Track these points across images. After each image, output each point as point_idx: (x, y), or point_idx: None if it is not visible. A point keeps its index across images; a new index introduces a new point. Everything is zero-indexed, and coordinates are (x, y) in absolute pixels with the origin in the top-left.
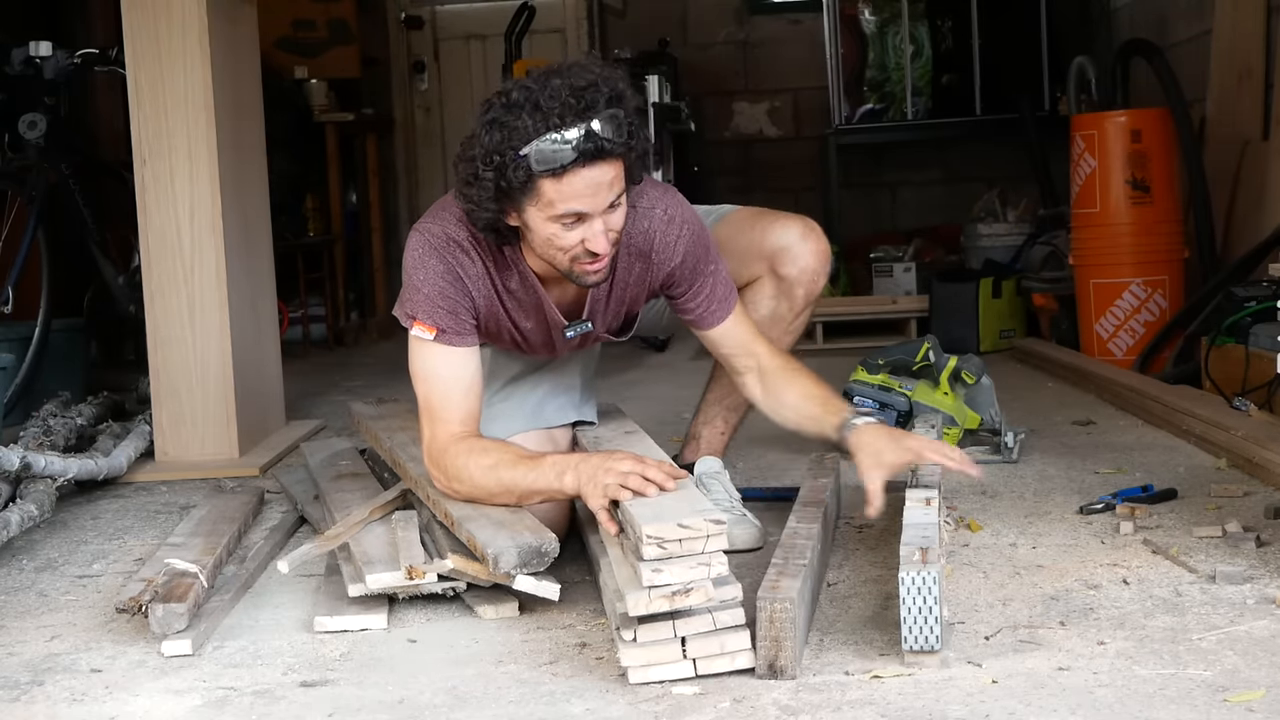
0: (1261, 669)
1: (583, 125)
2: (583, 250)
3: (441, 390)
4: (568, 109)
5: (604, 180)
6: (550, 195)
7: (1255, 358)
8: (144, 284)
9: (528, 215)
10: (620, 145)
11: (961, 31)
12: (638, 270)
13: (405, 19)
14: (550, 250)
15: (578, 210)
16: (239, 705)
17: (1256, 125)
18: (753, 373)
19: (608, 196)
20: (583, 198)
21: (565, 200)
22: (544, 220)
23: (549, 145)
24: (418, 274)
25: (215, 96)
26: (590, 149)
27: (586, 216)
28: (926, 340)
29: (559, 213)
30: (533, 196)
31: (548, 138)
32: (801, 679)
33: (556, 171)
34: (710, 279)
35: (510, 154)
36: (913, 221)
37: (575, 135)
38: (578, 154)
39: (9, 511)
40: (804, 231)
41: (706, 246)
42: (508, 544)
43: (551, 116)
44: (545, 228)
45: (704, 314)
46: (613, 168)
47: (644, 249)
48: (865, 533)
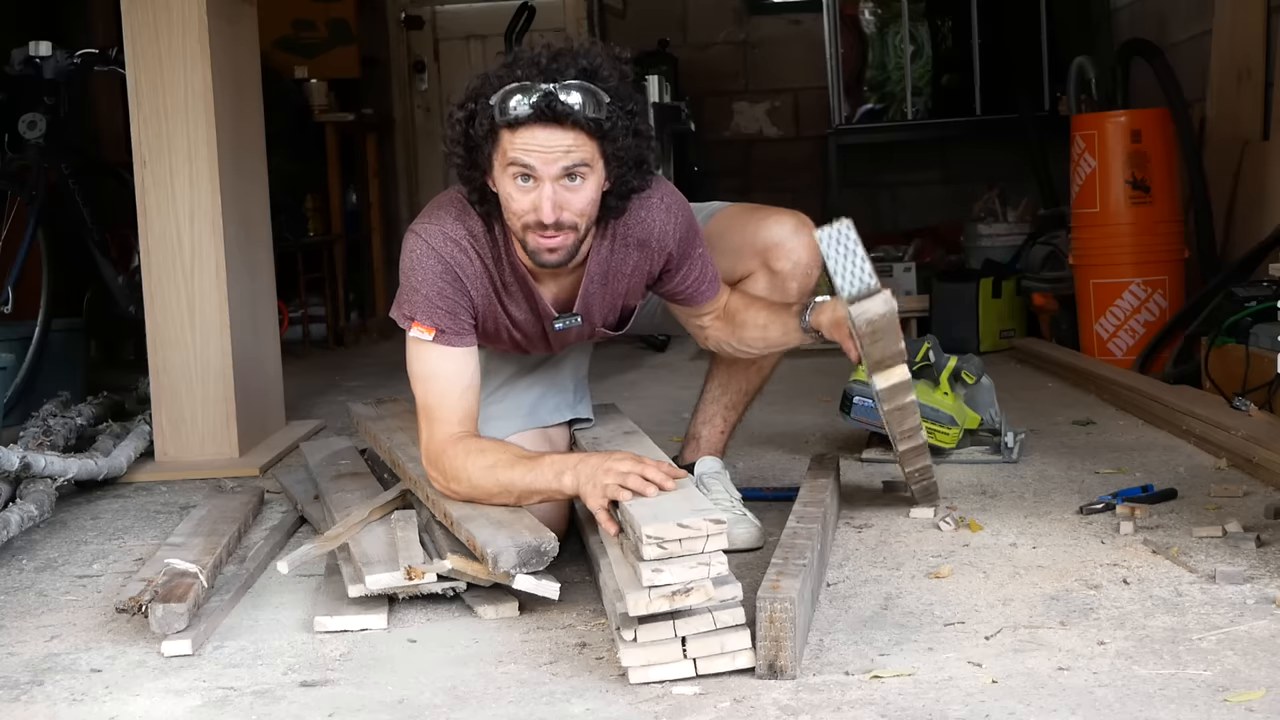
0: (1261, 669)
1: (544, 86)
2: (534, 219)
3: (440, 391)
4: (535, 68)
5: (559, 144)
6: (505, 146)
7: (1255, 358)
8: (144, 284)
9: (495, 173)
10: (587, 120)
11: (961, 31)
12: (635, 259)
13: (405, 19)
14: (510, 217)
15: (525, 163)
16: (239, 705)
17: (1256, 125)
18: (717, 319)
19: (560, 163)
20: (533, 153)
21: (518, 152)
22: (501, 172)
23: (511, 98)
24: (415, 275)
25: (215, 96)
26: (545, 108)
27: (536, 177)
28: (926, 340)
29: (509, 160)
30: (496, 148)
31: (511, 88)
32: (801, 679)
33: (512, 124)
34: (700, 260)
35: (482, 102)
36: (913, 221)
37: (535, 94)
38: (533, 110)
39: (9, 511)
40: (796, 226)
41: (695, 230)
42: (507, 544)
43: (518, 71)
44: (504, 185)
45: (696, 293)
46: (572, 136)
47: (643, 238)
48: (865, 533)
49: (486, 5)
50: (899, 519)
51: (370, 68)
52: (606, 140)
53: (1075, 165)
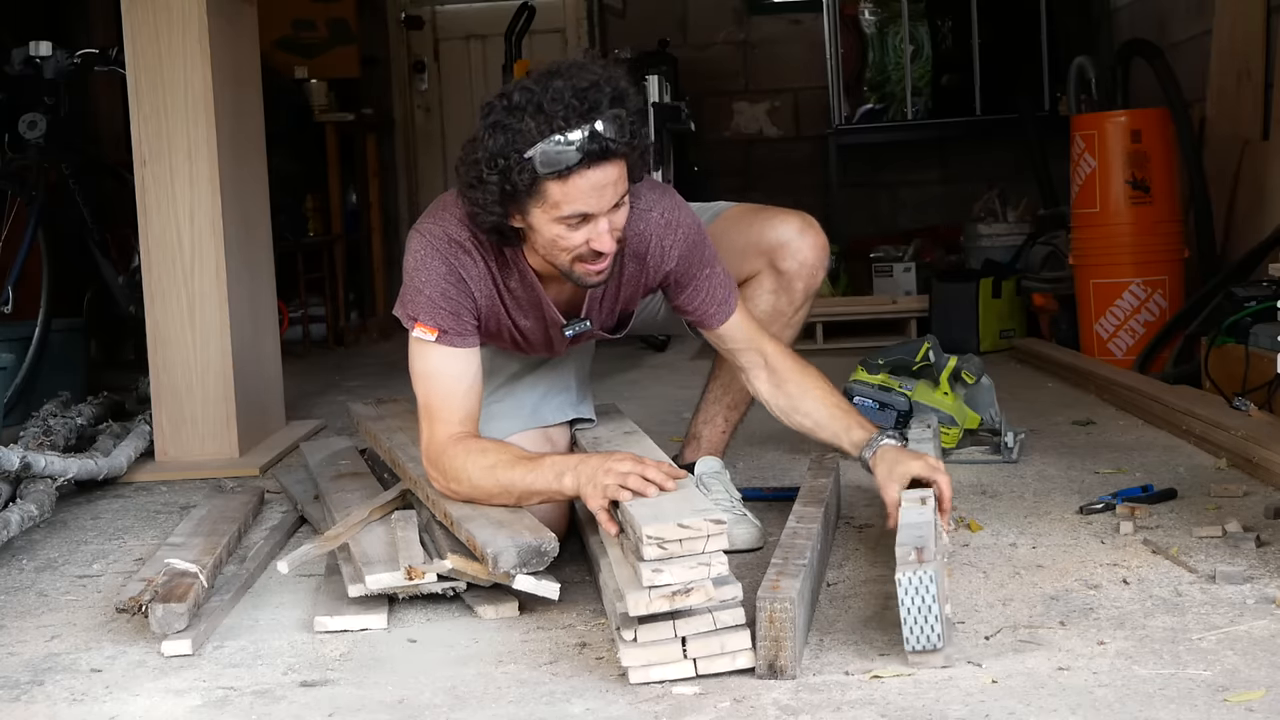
0: (1261, 669)
1: (587, 127)
2: (588, 250)
3: (442, 391)
4: (572, 110)
5: (608, 181)
6: (556, 197)
7: (1255, 358)
8: (144, 284)
9: (533, 217)
10: (624, 145)
11: (961, 31)
12: (632, 270)
13: (405, 19)
14: (554, 251)
15: (583, 211)
16: (239, 705)
17: (1256, 125)
18: (760, 369)
19: (612, 197)
20: (588, 199)
21: (571, 202)
22: (549, 222)
23: (554, 147)
24: (419, 275)
25: (215, 96)
26: (595, 150)
27: (591, 217)
28: (926, 340)
29: (564, 214)
30: (538, 199)
31: (552, 139)
32: (801, 679)
33: (562, 174)
34: (707, 281)
35: (515, 157)
36: (913, 221)
37: (579, 137)
38: (582, 155)
39: (9, 511)
40: (802, 226)
41: (703, 249)
42: (507, 544)
43: (555, 119)
44: (550, 229)
45: (704, 314)
46: (616, 168)
47: (639, 251)
48: (865, 533)
49: (486, 5)
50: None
51: (370, 68)
52: (632, 156)
53: (1075, 165)
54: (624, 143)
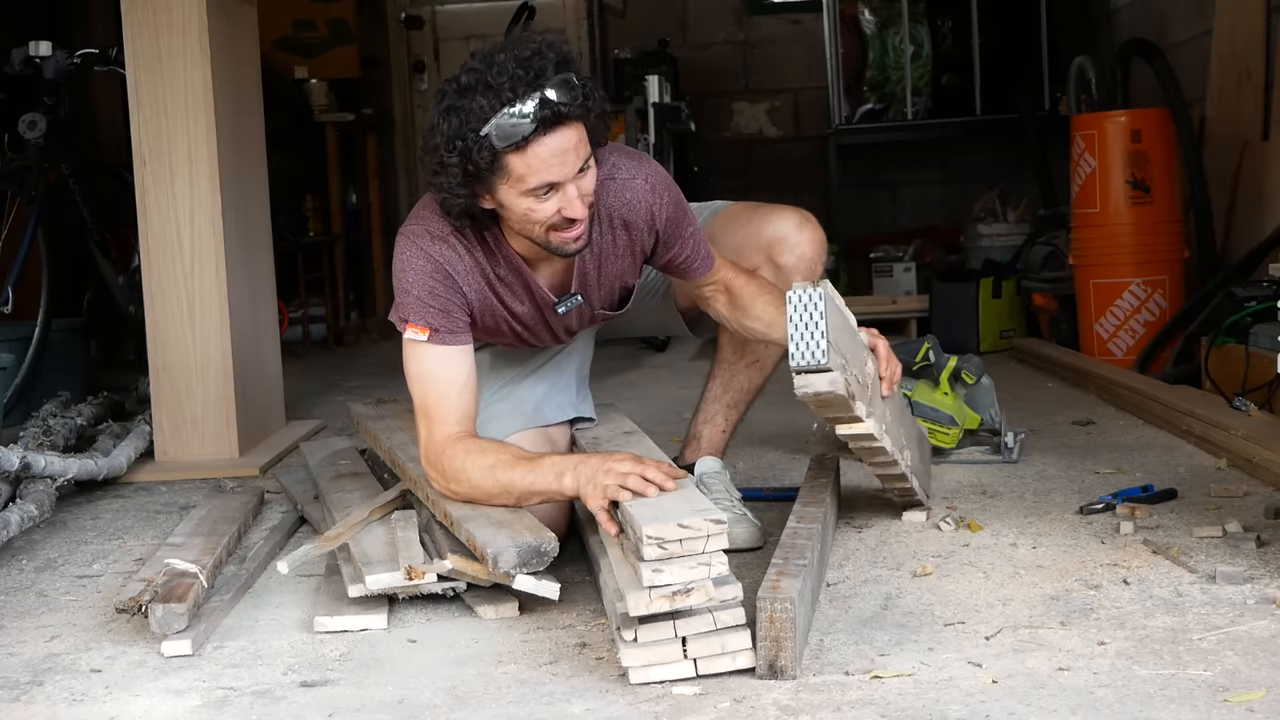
0: (1261, 669)
1: (536, 94)
2: (560, 219)
3: (437, 391)
4: (519, 80)
5: (568, 146)
6: (519, 170)
7: (1255, 358)
8: (144, 284)
9: (500, 194)
10: (577, 108)
11: (961, 31)
12: (624, 240)
13: (405, 19)
14: (528, 225)
15: (549, 180)
16: (239, 705)
17: (1256, 125)
18: (720, 293)
19: (575, 162)
20: (550, 168)
21: (535, 173)
22: (517, 196)
23: (507, 120)
24: (406, 276)
25: (215, 96)
26: (547, 116)
27: (559, 185)
28: (926, 340)
29: (531, 186)
30: (502, 175)
31: (504, 113)
32: (801, 679)
33: (519, 145)
34: (692, 238)
35: (471, 136)
36: (913, 221)
37: (531, 106)
38: (536, 123)
39: (9, 511)
40: (800, 221)
41: (684, 207)
42: (507, 544)
43: (504, 91)
44: (520, 204)
45: (689, 268)
46: (574, 132)
47: (629, 219)
48: (865, 533)
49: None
50: (899, 519)
51: (370, 68)
52: (589, 118)
53: (1075, 165)
54: (577, 105)
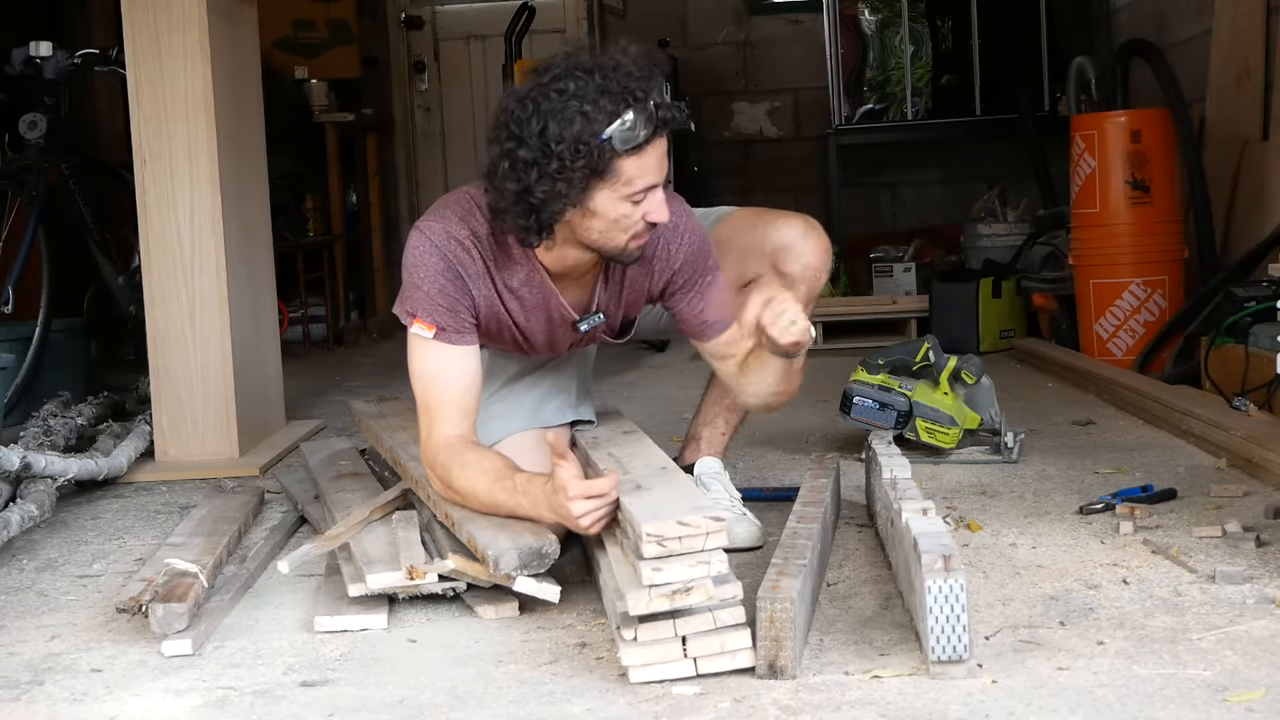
0: (1261, 669)
1: (649, 101)
2: (643, 224)
3: (439, 390)
4: (629, 92)
5: (664, 151)
6: (630, 173)
7: (1255, 358)
8: (144, 284)
9: (597, 202)
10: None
11: (961, 31)
12: (636, 273)
13: (405, 19)
14: (614, 233)
15: (651, 183)
16: (239, 705)
17: (1256, 125)
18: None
19: (664, 166)
20: (653, 171)
21: (643, 175)
22: (617, 201)
23: (628, 126)
24: (418, 271)
25: (215, 96)
26: (660, 122)
27: (654, 188)
28: (926, 340)
29: (636, 189)
30: (612, 179)
31: (626, 119)
32: (801, 679)
33: (637, 148)
34: (708, 289)
35: (592, 140)
36: (913, 221)
37: (645, 113)
38: (652, 127)
39: (9, 511)
40: (805, 229)
41: (706, 257)
42: (508, 545)
43: (624, 97)
44: (616, 209)
45: (701, 324)
46: (664, 140)
47: (646, 254)
48: (865, 533)
49: (486, 5)
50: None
51: (370, 68)
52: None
53: (1075, 165)
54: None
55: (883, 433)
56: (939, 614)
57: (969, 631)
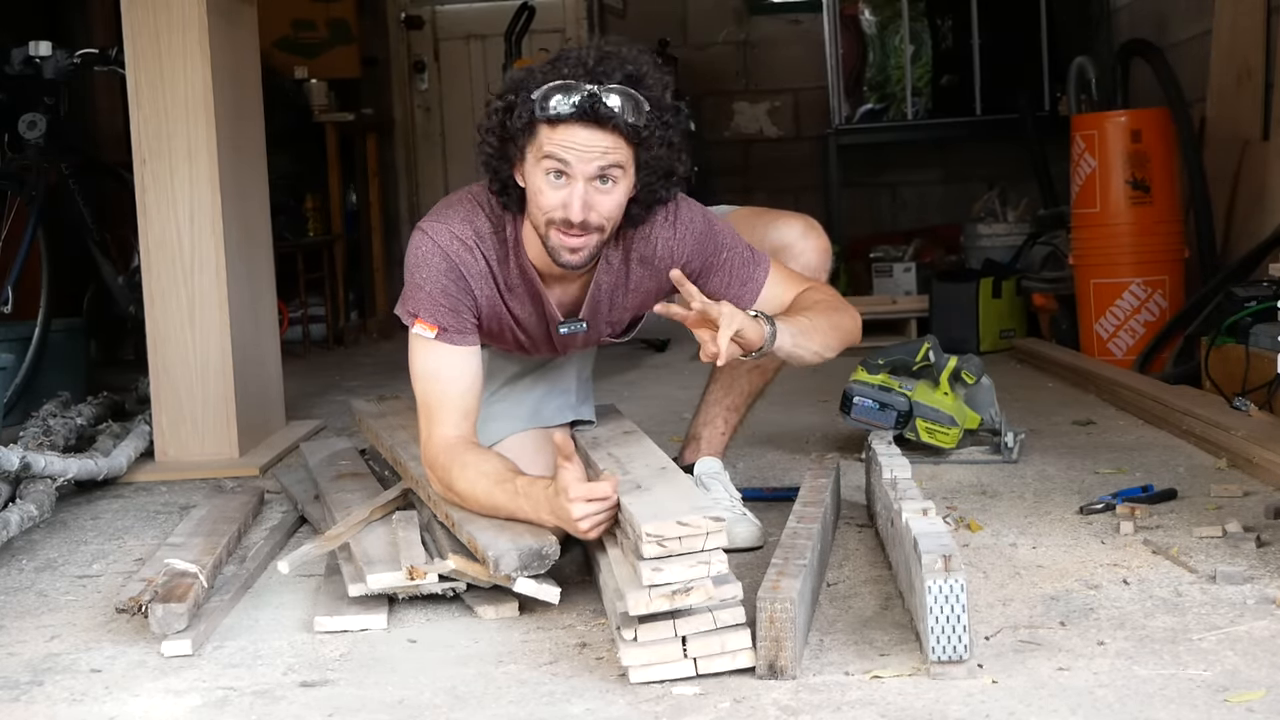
0: (1261, 669)
1: (589, 86)
2: (561, 216)
3: (440, 390)
4: (582, 67)
5: (597, 145)
6: (542, 139)
7: (1255, 358)
8: (144, 284)
9: (526, 166)
10: (626, 125)
11: (961, 31)
12: (640, 274)
13: (405, 19)
14: (536, 211)
15: (561, 157)
16: (239, 705)
17: (1256, 125)
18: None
19: (596, 163)
20: (570, 150)
21: (553, 146)
22: (534, 165)
23: (554, 94)
24: (420, 272)
25: (215, 96)
26: (588, 108)
27: (570, 175)
28: (926, 340)
29: (544, 153)
30: (531, 140)
31: (555, 84)
32: (802, 679)
33: (553, 119)
34: (726, 264)
35: (523, 94)
36: (913, 221)
37: (578, 94)
38: (575, 110)
39: (9, 511)
40: (805, 229)
41: (713, 237)
42: (509, 546)
43: (564, 69)
44: (535, 179)
45: (734, 298)
46: (610, 139)
47: (646, 255)
48: (865, 533)
49: (486, 5)
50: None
51: (370, 68)
52: (642, 147)
53: (1075, 165)
54: (627, 123)
55: (883, 433)
56: (939, 614)
57: (969, 631)
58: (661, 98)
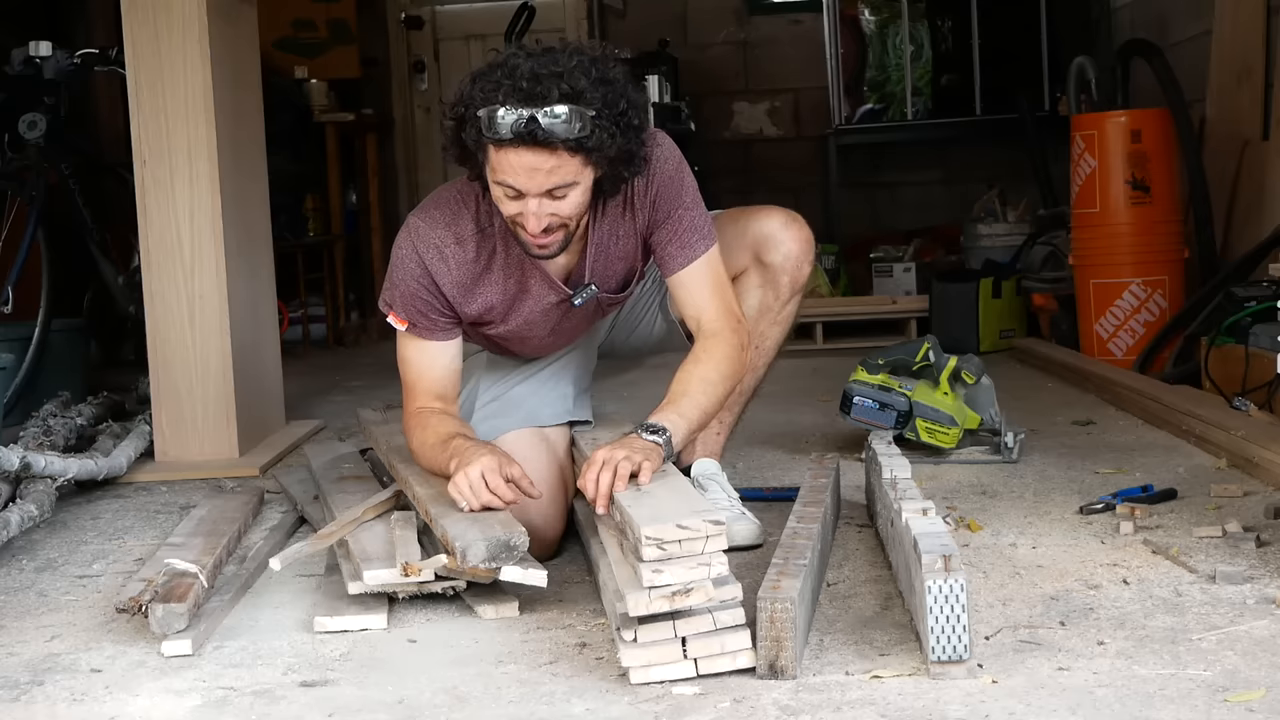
0: (1261, 669)
1: (526, 111)
2: (522, 222)
3: (415, 371)
4: (518, 91)
5: (541, 166)
6: (493, 161)
7: (1255, 358)
8: (144, 284)
9: (486, 171)
10: (569, 141)
11: (961, 31)
12: (626, 219)
13: (405, 19)
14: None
15: (509, 183)
16: (239, 705)
17: (1256, 125)
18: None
19: (544, 182)
20: (517, 175)
21: (502, 171)
22: (491, 180)
23: (495, 118)
24: (396, 271)
25: (215, 97)
26: (525, 134)
27: (521, 194)
28: (926, 340)
29: (495, 177)
30: (486, 159)
31: (496, 109)
32: (802, 679)
33: (497, 143)
34: (679, 221)
35: (470, 110)
36: (913, 221)
37: (514, 118)
38: (513, 135)
39: (9, 511)
40: (786, 220)
41: (680, 187)
42: (476, 537)
43: (503, 90)
44: (494, 188)
45: (666, 255)
46: (554, 159)
47: (627, 196)
48: (865, 533)
49: (486, 5)
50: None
51: (370, 68)
52: (591, 154)
53: (1075, 165)
54: (570, 140)
55: (883, 433)
56: (939, 614)
57: (969, 631)
58: (607, 95)
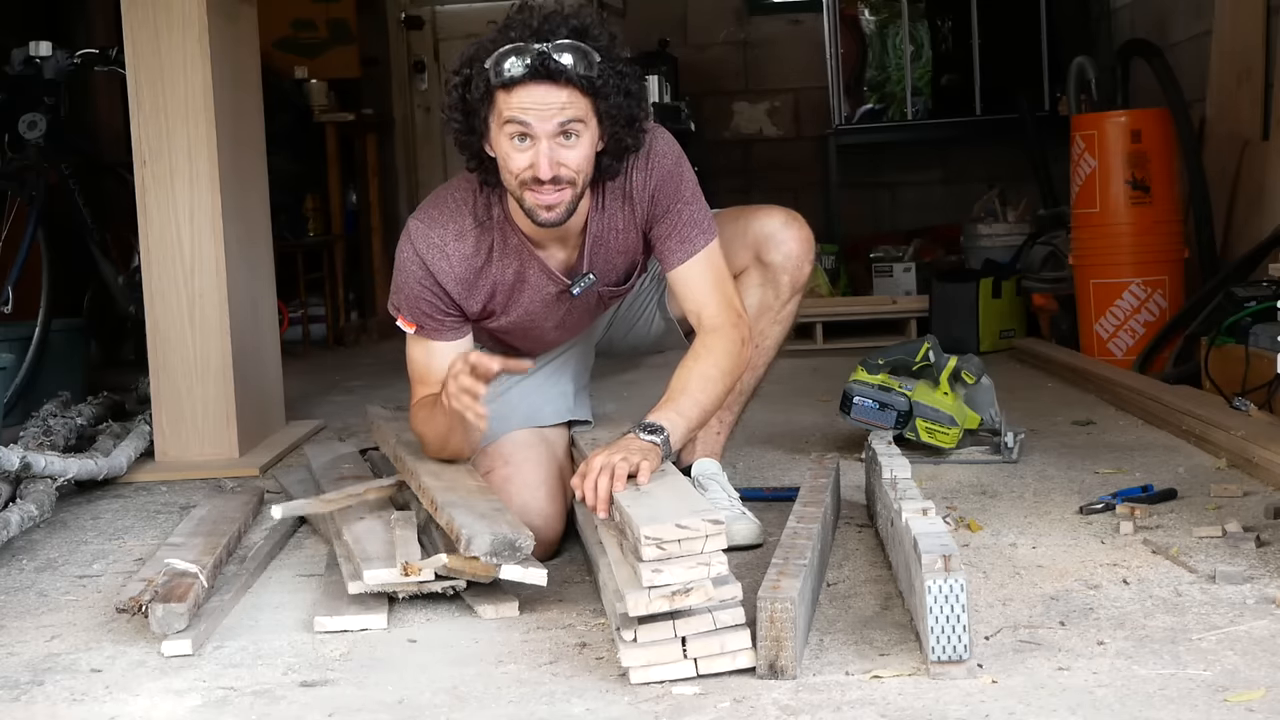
0: (1261, 669)
1: (537, 45)
2: (531, 176)
3: (421, 370)
4: (528, 29)
5: (553, 101)
6: (500, 105)
7: (1255, 358)
8: (144, 284)
9: (492, 136)
10: (579, 78)
11: (961, 31)
12: (625, 212)
13: (405, 19)
14: (507, 177)
15: (521, 119)
16: (239, 705)
17: (1256, 125)
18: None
19: (556, 119)
20: (529, 111)
21: (520, 113)
22: (498, 132)
23: (506, 59)
24: (400, 274)
25: (215, 96)
26: (539, 67)
27: (533, 135)
28: (926, 340)
29: (505, 119)
30: (492, 110)
31: (504, 49)
32: (802, 679)
33: (508, 84)
34: (678, 215)
35: (477, 66)
36: (913, 221)
37: (530, 53)
38: (527, 70)
39: (9, 511)
40: (786, 219)
41: (680, 181)
42: (483, 529)
43: (510, 33)
44: (500, 145)
45: (666, 250)
46: (566, 94)
47: (626, 189)
48: (865, 533)
49: (486, 5)
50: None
51: (370, 68)
52: (599, 98)
53: (1075, 165)
54: (580, 75)
55: (883, 433)
56: (939, 614)
57: (969, 631)
58: (610, 47)
